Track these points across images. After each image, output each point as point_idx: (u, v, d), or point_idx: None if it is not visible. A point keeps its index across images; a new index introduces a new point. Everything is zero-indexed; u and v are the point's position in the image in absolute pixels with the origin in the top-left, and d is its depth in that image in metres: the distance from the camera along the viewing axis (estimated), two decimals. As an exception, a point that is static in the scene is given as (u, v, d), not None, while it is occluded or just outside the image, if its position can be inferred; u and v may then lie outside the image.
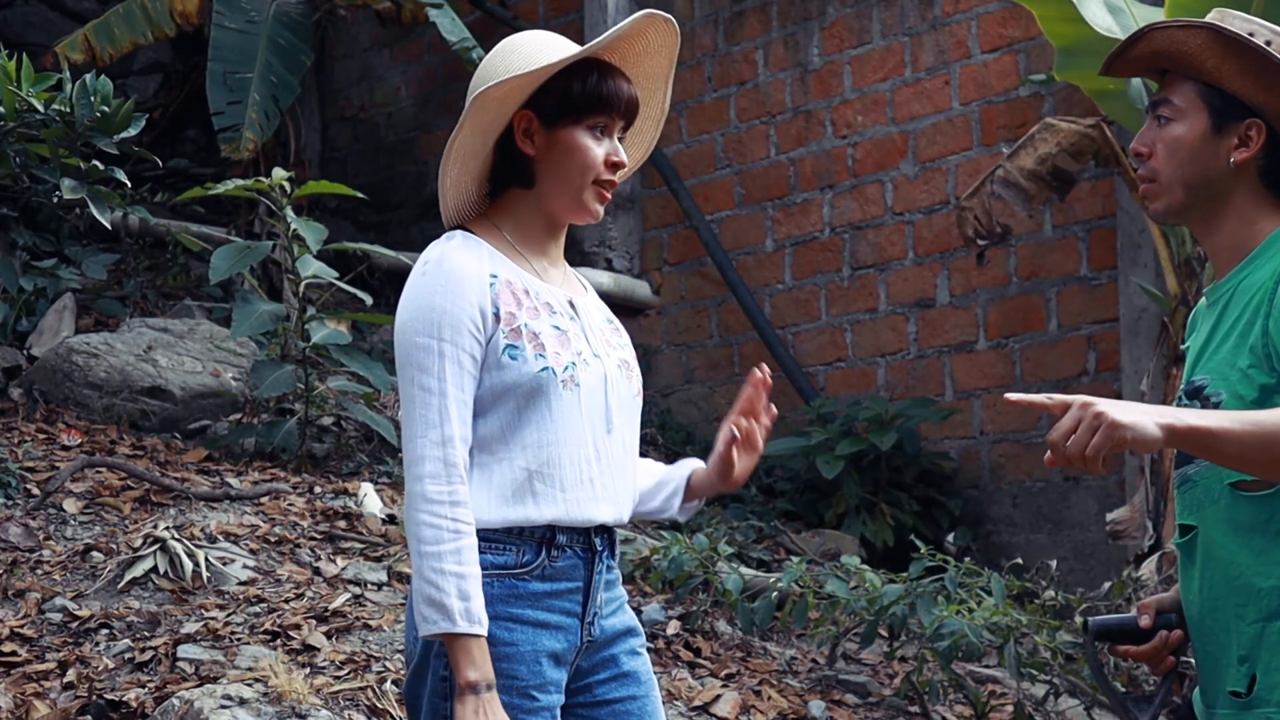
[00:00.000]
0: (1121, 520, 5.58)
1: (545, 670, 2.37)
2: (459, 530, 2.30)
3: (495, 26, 8.68)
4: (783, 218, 7.55)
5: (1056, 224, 6.61)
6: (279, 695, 3.88)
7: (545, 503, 2.36)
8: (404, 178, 9.41)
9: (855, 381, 7.21)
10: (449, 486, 2.31)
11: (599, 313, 2.54)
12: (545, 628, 2.38)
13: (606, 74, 2.45)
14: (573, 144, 2.43)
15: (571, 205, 2.46)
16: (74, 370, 6.09)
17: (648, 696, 2.50)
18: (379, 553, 5.05)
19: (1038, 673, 4.81)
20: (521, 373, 2.35)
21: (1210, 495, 2.33)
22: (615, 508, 2.45)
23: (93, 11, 9.20)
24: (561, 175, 2.44)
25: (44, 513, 5.08)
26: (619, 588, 2.53)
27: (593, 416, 2.41)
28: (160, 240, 7.98)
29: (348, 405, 6.11)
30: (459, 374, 2.34)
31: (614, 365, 2.47)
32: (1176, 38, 2.37)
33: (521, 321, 2.38)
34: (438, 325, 2.34)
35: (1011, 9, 6.73)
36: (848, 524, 6.57)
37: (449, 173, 2.44)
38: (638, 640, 2.52)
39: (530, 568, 2.37)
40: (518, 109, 2.43)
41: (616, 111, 2.45)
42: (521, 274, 2.43)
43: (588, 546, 2.43)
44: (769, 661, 5.09)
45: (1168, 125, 2.41)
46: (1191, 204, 2.41)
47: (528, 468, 2.36)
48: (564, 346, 2.40)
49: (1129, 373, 6.22)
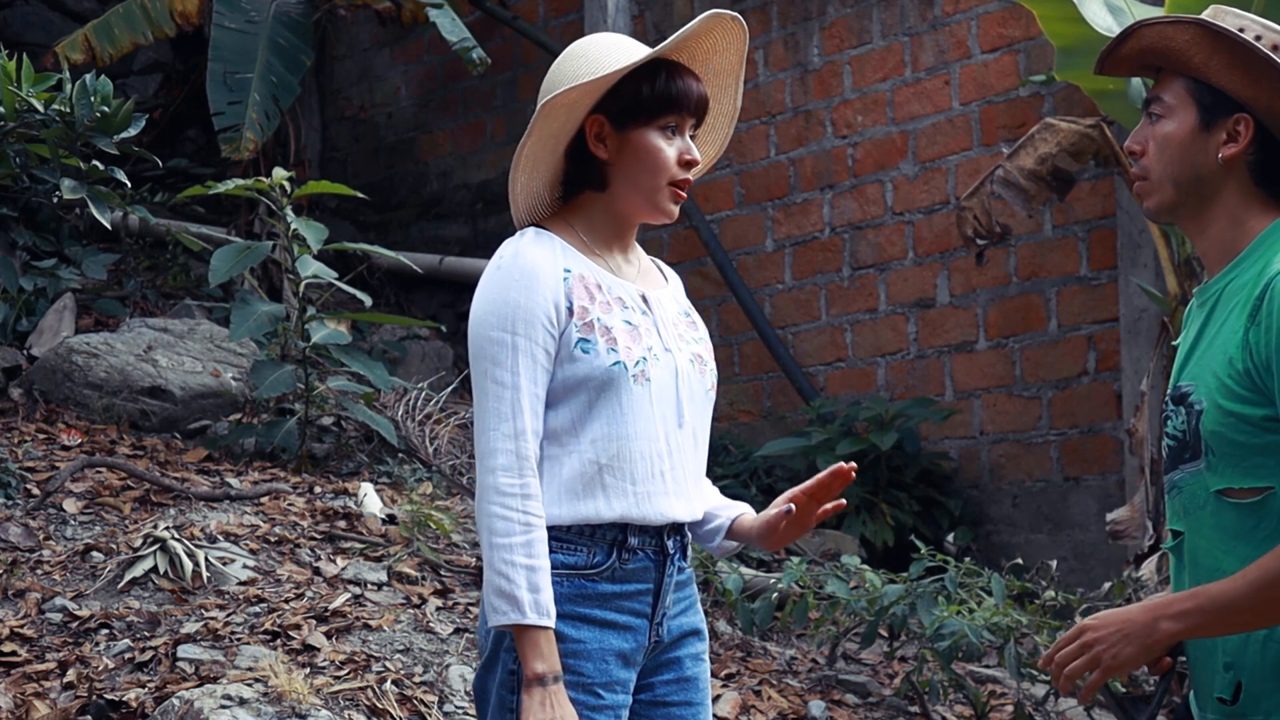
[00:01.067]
0: (1121, 520, 5.58)
1: (612, 669, 2.38)
2: (529, 523, 2.32)
3: (495, 26, 8.68)
4: (783, 218, 7.55)
5: (1056, 224, 6.61)
6: (279, 695, 3.88)
7: (615, 496, 2.37)
8: (404, 178, 9.41)
9: (855, 381, 7.21)
10: (521, 479, 2.33)
11: (674, 306, 2.55)
12: (614, 628, 2.39)
13: (675, 74, 2.45)
14: (645, 145, 2.44)
15: (646, 206, 2.48)
16: (74, 370, 6.09)
17: (703, 705, 2.52)
18: (379, 553, 5.05)
19: (1038, 673, 4.81)
20: (594, 366, 2.36)
21: (1196, 501, 2.33)
22: (688, 503, 2.45)
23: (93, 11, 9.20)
24: (634, 177, 2.45)
25: (44, 513, 5.08)
26: (690, 587, 2.53)
27: (664, 410, 2.41)
28: (160, 240, 7.98)
29: (348, 405, 6.11)
30: (532, 368, 2.36)
31: (686, 359, 2.47)
32: (1165, 34, 2.36)
33: (594, 316, 2.39)
34: (512, 320, 2.36)
35: (1011, 9, 6.73)
36: (848, 524, 6.57)
37: (519, 179, 2.47)
38: (702, 645, 2.54)
39: (600, 569, 2.38)
40: (588, 113, 2.44)
41: (687, 110, 2.45)
42: (594, 269, 2.45)
43: (659, 549, 2.43)
44: (769, 661, 5.09)
45: (1159, 122, 2.40)
46: (1182, 201, 2.39)
47: (597, 460, 2.37)
48: (635, 341, 2.41)
49: (1129, 373, 6.22)
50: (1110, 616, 2.32)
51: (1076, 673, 2.32)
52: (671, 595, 2.46)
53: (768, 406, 7.47)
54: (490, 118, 8.94)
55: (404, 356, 7.80)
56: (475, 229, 8.92)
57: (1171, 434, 2.36)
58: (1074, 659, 2.32)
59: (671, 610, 2.47)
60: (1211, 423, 2.27)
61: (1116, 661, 2.30)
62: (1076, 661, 2.32)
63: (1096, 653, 2.31)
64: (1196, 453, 2.31)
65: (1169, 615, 2.26)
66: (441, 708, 4.13)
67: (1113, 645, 2.29)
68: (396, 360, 7.67)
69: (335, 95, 9.99)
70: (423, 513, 5.24)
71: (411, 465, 6.15)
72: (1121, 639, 2.29)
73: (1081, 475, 6.48)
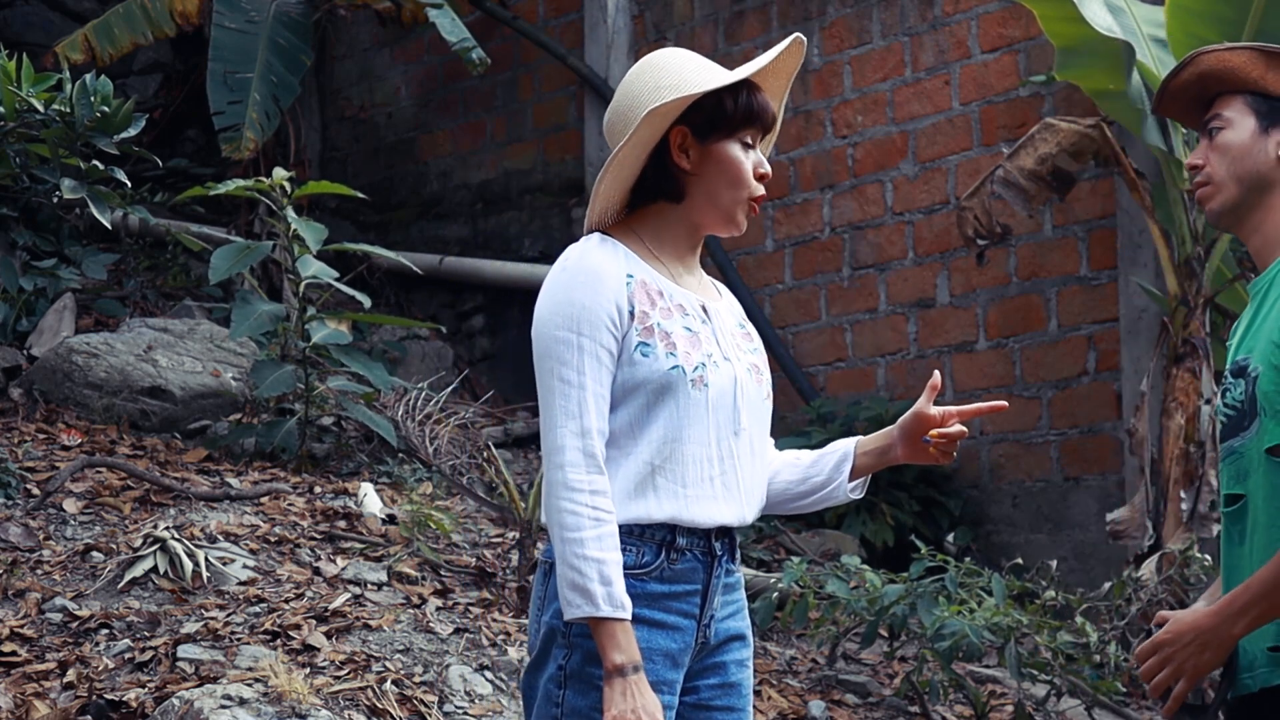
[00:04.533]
0: (1121, 520, 5.58)
1: (660, 669, 2.41)
2: (599, 518, 2.35)
3: (495, 26, 8.68)
4: (783, 218, 7.55)
5: (1056, 224, 6.61)
6: (279, 695, 3.88)
7: (666, 498, 2.41)
8: (404, 178, 9.41)
9: (855, 381, 7.21)
10: (588, 475, 2.36)
11: (731, 318, 2.58)
12: (662, 628, 2.42)
13: (754, 89, 2.52)
14: (727, 157, 2.49)
15: (721, 218, 2.52)
16: (74, 370, 6.09)
17: (745, 711, 2.54)
18: (379, 553, 5.05)
19: (1038, 673, 4.81)
20: (652, 370, 2.40)
21: (1254, 464, 2.49)
22: (739, 509, 2.48)
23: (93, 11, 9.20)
24: (715, 188, 2.50)
25: (44, 513, 5.08)
26: (739, 591, 2.56)
27: (720, 417, 2.45)
28: (160, 240, 7.98)
29: (348, 405, 6.11)
30: (597, 368, 2.40)
31: (744, 369, 2.51)
32: (1223, 57, 2.63)
33: (655, 320, 2.43)
34: (577, 320, 2.40)
35: (1011, 9, 6.73)
36: (848, 524, 6.57)
37: (606, 181, 2.49)
38: (747, 651, 2.56)
39: (649, 569, 2.41)
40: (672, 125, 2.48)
41: (764, 125, 2.53)
42: (656, 276, 2.49)
43: (707, 550, 2.46)
44: (769, 661, 5.09)
45: (1218, 135, 2.63)
46: (1244, 199, 2.60)
47: (651, 461, 2.40)
48: (695, 347, 2.44)
49: (1129, 373, 6.22)
50: (1182, 626, 2.48)
51: (1164, 684, 2.49)
52: (720, 598, 2.49)
53: (768, 406, 7.45)
54: (490, 118, 8.94)
55: (404, 356, 7.80)
56: (475, 229, 8.92)
57: (1230, 404, 2.55)
58: (1157, 671, 2.50)
59: (719, 613, 2.50)
60: (1267, 384, 2.46)
61: (1199, 669, 2.48)
62: (1162, 674, 2.49)
63: (1179, 664, 2.48)
64: (1253, 417, 2.49)
65: (1235, 613, 2.44)
66: (441, 708, 4.13)
67: (1192, 655, 2.47)
68: (396, 360, 7.67)
69: (335, 95, 9.99)
70: (423, 513, 5.24)
71: (411, 465, 6.15)
72: (1199, 647, 2.47)
73: (1081, 475, 6.48)
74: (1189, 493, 5.41)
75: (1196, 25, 5.25)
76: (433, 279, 8.52)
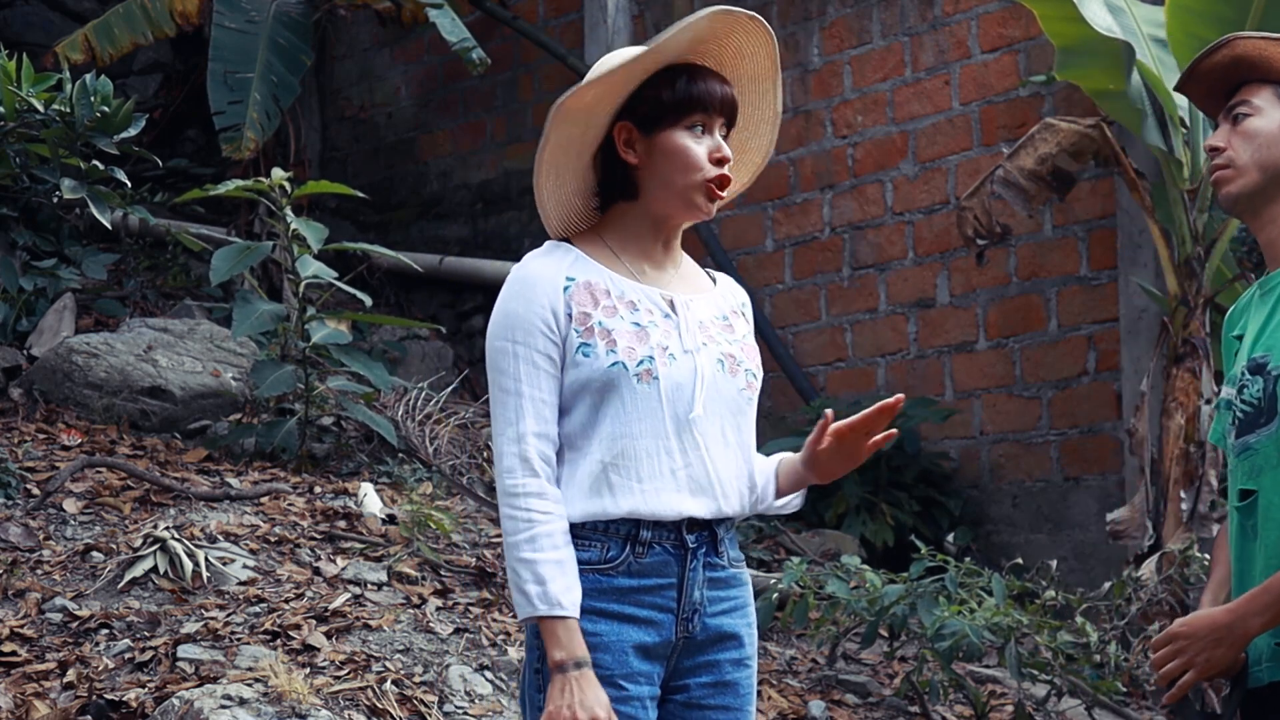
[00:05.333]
0: (1121, 520, 5.58)
1: (632, 661, 2.41)
2: (532, 519, 2.39)
3: (495, 26, 8.68)
4: (783, 218, 7.55)
5: (1056, 224, 6.61)
6: (279, 695, 3.88)
7: (621, 494, 2.42)
8: (404, 178, 9.41)
9: (855, 381, 7.21)
10: (522, 480, 2.41)
11: (711, 309, 2.56)
12: (633, 622, 2.42)
13: (696, 76, 2.50)
14: (672, 146, 2.47)
15: (681, 205, 2.50)
16: (74, 370, 6.09)
17: (743, 710, 2.52)
18: (379, 553, 5.05)
19: (1038, 673, 4.81)
20: (594, 369, 2.42)
21: (1270, 462, 2.52)
22: (710, 501, 2.46)
23: (93, 11, 9.20)
24: (667, 178, 2.48)
25: (44, 513, 5.08)
26: (737, 589, 2.53)
27: (676, 410, 2.44)
28: (160, 240, 7.98)
29: (348, 405, 6.11)
30: (533, 373, 2.43)
31: (710, 359, 2.49)
32: (1259, 45, 2.66)
33: (596, 320, 2.44)
34: (511, 329, 2.45)
35: (1011, 9, 6.73)
36: (848, 524, 6.57)
37: (542, 185, 2.50)
38: (746, 651, 2.54)
39: (615, 563, 2.42)
40: (615, 121, 2.48)
41: (712, 110, 2.49)
42: (610, 276, 2.49)
43: (678, 543, 2.45)
44: (769, 661, 5.09)
45: (1244, 120, 2.65)
46: (1263, 188, 2.62)
47: (603, 460, 2.42)
48: (640, 342, 2.44)
49: (1129, 373, 6.22)
50: (1199, 620, 2.51)
51: (1173, 673, 2.52)
52: (705, 592, 2.47)
53: (768, 406, 7.46)
54: (490, 118, 8.94)
55: (404, 356, 7.80)
56: (475, 229, 8.92)
57: (1247, 401, 2.57)
58: (1169, 661, 2.53)
59: (709, 609, 2.48)
60: None
61: (1210, 664, 2.50)
62: (1172, 663, 2.52)
63: (1190, 656, 2.50)
64: (1271, 415, 2.51)
65: (1252, 612, 2.47)
66: (441, 708, 4.13)
67: (1205, 649, 2.50)
68: (396, 360, 7.67)
69: (335, 95, 9.99)
70: (423, 513, 5.23)
71: (411, 465, 6.15)
72: (1213, 643, 2.49)
73: (1081, 475, 6.48)
74: (1189, 493, 5.41)
75: (1196, 25, 5.25)
76: (433, 279, 8.52)
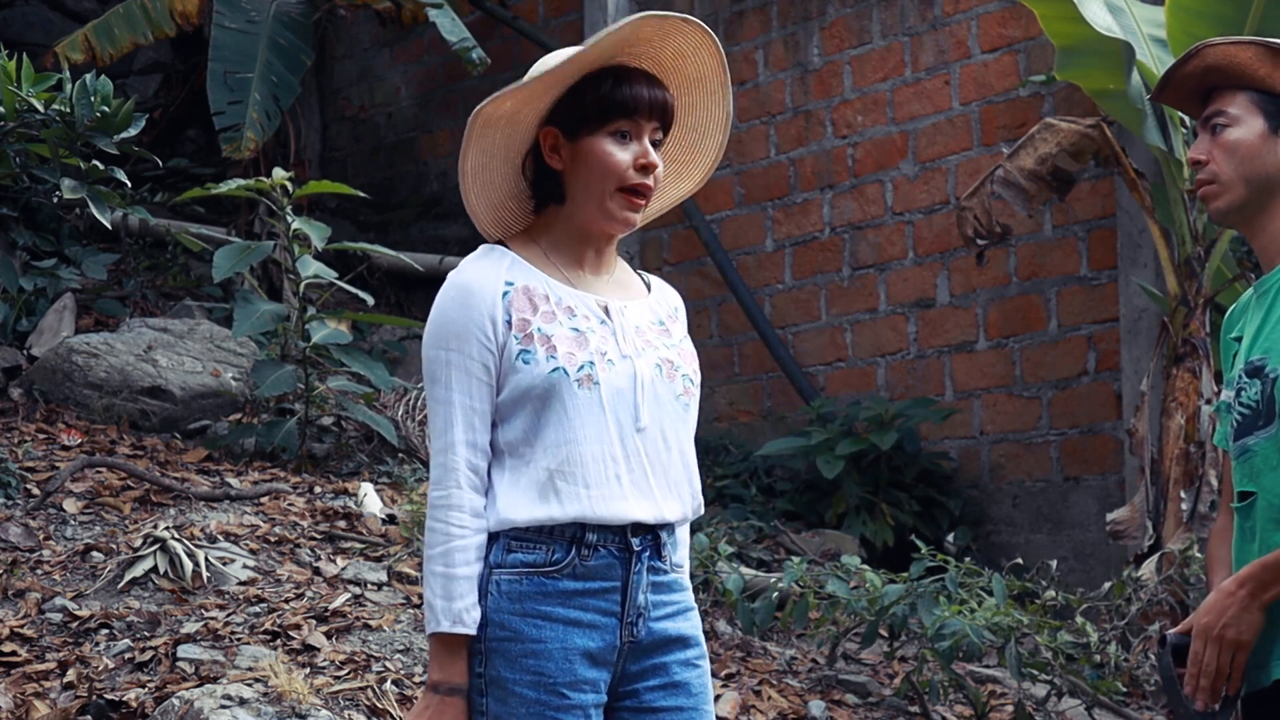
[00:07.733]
0: (1121, 520, 5.58)
1: (577, 668, 2.37)
2: (449, 533, 2.37)
3: (495, 26, 8.68)
4: (783, 218, 7.55)
5: (1056, 224, 6.61)
6: (279, 695, 3.88)
7: (569, 500, 2.37)
8: (404, 178, 9.41)
9: (855, 381, 7.21)
10: (445, 491, 2.38)
11: (647, 315, 2.53)
12: (578, 626, 2.38)
13: (623, 79, 2.43)
14: (594, 151, 2.42)
15: (599, 215, 2.46)
16: (74, 370, 6.09)
17: (697, 710, 2.48)
18: (379, 553, 5.05)
19: (1038, 673, 4.81)
20: (534, 375, 2.38)
21: (1269, 464, 2.52)
22: (654, 506, 2.43)
23: (93, 11, 9.20)
24: (587, 184, 2.44)
25: (44, 513, 5.08)
26: (682, 594, 2.51)
27: (618, 415, 2.41)
28: (160, 240, 7.98)
29: (348, 405, 6.11)
30: (466, 381, 2.40)
31: (649, 364, 2.46)
32: (1229, 51, 2.59)
33: (535, 326, 2.40)
34: (445, 337, 2.41)
35: (1012, 9, 6.73)
36: (848, 524, 6.57)
37: (470, 190, 2.48)
38: (694, 652, 2.50)
39: (560, 566, 2.38)
40: (541, 126, 2.45)
41: (640, 114, 2.43)
42: (546, 281, 2.45)
43: (624, 547, 2.42)
44: (769, 661, 5.09)
45: (1223, 131, 2.61)
46: (1251, 199, 2.60)
47: (549, 467, 2.38)
48: (580, 347, 2.41)
49: (1129, 373, 6.22)
50: (1210, 608, 2.50)
51: (1225, 664, 2.49)
52: (649, 596, 2.44)
53: (768, 406, 7.47)
54: (490, 118, 8.93)
55: (404, 356, 7.80)
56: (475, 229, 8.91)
57: (1245, 404, 2.57)
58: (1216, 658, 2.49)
59: (653, 613, 2.45)
60: None
61: (1249, 632, 2.47)
62: (1221, 656, 2.49)
63: (1230, 637, 2.48)
64: (1270, 417, 2.51)
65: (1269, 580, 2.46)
66: (441, 708, 4.12)
67: (1234, 623, 2.48)
68: (396, 360, 7.67)
69: (335, 95, 9.99)
70: (422, 512, 5.23)
71: (411, 465, 6.15)
72: (1239, 612, 2.47)
73: (1081, 475, 6.48)
74: (1189, 493, 5.41)
75: (1196, 25, 5.25)
76: (433, 279, 8.51)
